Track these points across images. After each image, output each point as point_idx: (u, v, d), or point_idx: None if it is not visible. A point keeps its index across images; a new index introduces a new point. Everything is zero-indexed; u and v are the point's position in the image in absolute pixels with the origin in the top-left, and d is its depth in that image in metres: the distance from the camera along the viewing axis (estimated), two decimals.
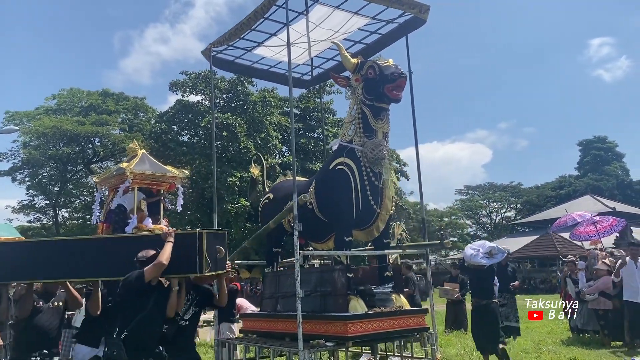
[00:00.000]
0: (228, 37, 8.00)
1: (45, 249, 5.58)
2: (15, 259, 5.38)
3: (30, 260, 5.30)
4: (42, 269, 5.27)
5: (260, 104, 29.64)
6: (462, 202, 59.67)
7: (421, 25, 7.71)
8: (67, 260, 5.21)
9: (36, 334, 5.16)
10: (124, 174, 12.03)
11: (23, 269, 5.30)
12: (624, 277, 8.90)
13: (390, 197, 7.04)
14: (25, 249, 5.65)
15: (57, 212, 37.68)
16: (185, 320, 5.17)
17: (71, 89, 39.76)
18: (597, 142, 59.48)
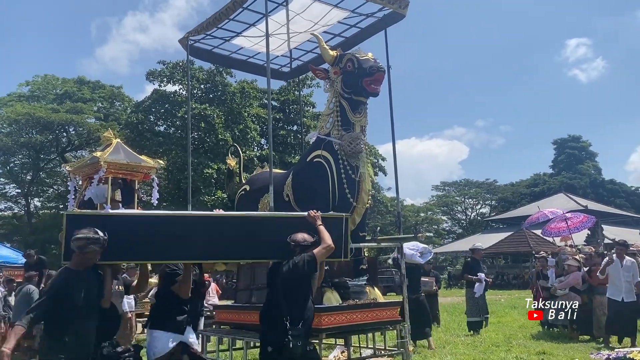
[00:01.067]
0: (206, 26, 7.91)
1: (175, 224, 4.66)
2: (134, 234, 4.48)
3: (154, 237, 4.50)
4: (169, 248, 4.51)
5: (239, 95, 29.45)
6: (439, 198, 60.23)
7: (400, 20, 7.73)
8: (201, 239, 4.60)
9: (108, 320, 4.45)
10: (98, 163, 11.90)
11: (143, 246, 4.49)
12: (609, 275, 9.11)
13: (367, 191, 7.06)
14: (148, 224, 4.64)
15: (29, 201, 36.94)
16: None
17: (45, 75, 38.90)
18: (571, 141, 60.57)
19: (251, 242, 4.78)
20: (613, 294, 9.04)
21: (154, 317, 4.73)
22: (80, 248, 4.03)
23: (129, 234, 4.41)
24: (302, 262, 4.44)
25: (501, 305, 17.77)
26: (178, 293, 4.66)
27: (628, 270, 8.94)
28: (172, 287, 4.68)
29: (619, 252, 9.14)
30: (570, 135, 61.34)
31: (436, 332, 10.98)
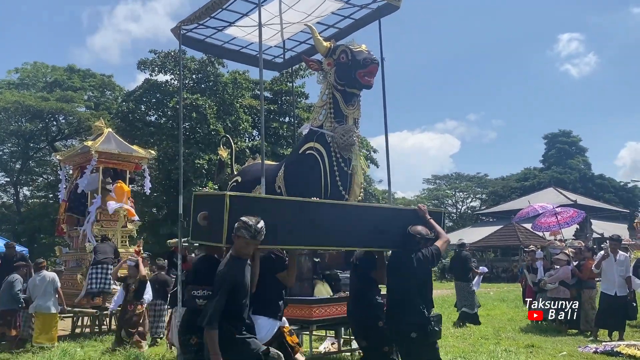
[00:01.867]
0: (199, 15, 7.81)
1: (317, 211, 4.67)
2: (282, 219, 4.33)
3: (299, 223, 4.44)
4: (308, 234, 4.48)
5: (231, 85, 29.27)
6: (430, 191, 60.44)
7: (394, 11, 7.69)
8: (336, 227, 4.63)
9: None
10: (89, 152, 11.82)
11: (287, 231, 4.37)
12: (603, 269, 9.18)
13: (359, 184, 7.06)
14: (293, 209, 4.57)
15: (18, 190, 36.63)
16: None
17: (35, 63, 38.47)
18: (562, 136, 60.94)
19: (373, 232, 4.88)
20: (607, 289, 9.12)
21: (257, 302, 4.41)
22: (235, 230, 3.89)
23: (278, 218, 4.28)
24: (432, 255, 4.70)
25: (490, 298, 17.91)
26: (284, 281, 4.60)
27: (621, 264, 9.03)
28: (279, 275, 4.57)
29: (612, 246, 9.21)
30: (560, 130, 61.77)
31: None
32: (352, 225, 4.75)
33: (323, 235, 4.61)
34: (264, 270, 4.39)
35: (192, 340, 4.20)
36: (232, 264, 3.86)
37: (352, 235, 4.78)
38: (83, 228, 11.86)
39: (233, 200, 4.09)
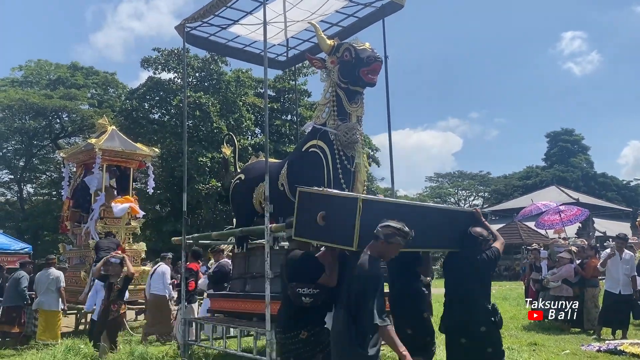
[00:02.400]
0: (203, 13, 7.83)
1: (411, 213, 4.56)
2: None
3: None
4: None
5: (234, 84, 29.30)
6: (432, 189, 60.44)
7: (398, 10, 7.70)
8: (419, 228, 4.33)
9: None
10: (93, 149, 11.86)
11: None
12: (607, 268, 9.18)
13: (362, 181, 7.06)
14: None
15: (21, 188, 36.72)
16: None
17: (39, 61, 38.51)
18: (564, 134, 60.82)
19: (439, 232, 4.89)
20: (611, 287, 9.12)
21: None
22: (387, 237, 3.91)
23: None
24: (495, 257, 4.86)
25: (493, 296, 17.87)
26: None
27: (627, 263, 9.03)
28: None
29: (618, 245, 9.20)
30: (563, 128, 61.67)
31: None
32: (426, 225, 4.68)
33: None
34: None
35: (302, 335, 4.29)
36: (377, 265, 3.94)
37: (424, 236, 4.60)
38: (87, 225, 11.91)
39: (366, 205, 4.08)
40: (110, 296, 8.14)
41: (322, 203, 4.39)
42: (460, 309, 4.83)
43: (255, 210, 7.87)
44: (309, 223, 4.31)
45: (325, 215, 4.22)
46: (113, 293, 8.17)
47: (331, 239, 4.28)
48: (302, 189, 4.74)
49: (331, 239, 4.28)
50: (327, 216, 4.21)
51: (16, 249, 15.97)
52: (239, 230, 7.54)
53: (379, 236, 3.92)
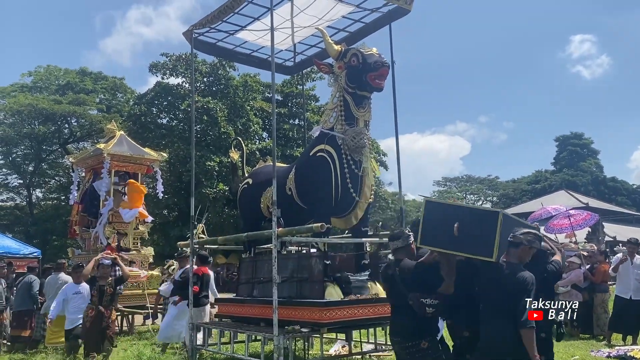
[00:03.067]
0: (211, 19, 7.88)
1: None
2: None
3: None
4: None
5: (242, 88, 29.39)
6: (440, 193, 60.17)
7: (405, 15, 7.71)
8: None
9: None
10: (101, 154, 11.93)
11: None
12: (619, 272, 9.10)
13: (370, 186, 7.06)
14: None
15: (30, 192, 36.98)
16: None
17: (48, 66, 38.83)
18: (573, 138, 60.40)
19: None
20: (621, 292, 9.04)
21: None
22: (530, 242, 4.29)
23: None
24: (559, 269, 5.18)
25: None
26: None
27: (638, 268, 8.93)
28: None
29: (630, 250, 9.11)
30: (572, 132, 61.18)
31: None
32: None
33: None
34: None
35: (422, 345, 4.40)
36: (527, 270, 4.28)
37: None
38: (95, 230, 11.97)
39: (506, 218, 4.33)
40: (103, 301, 7.72)
41: (454, 214, 4.49)
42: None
43: (263, 214, 7.88)
44: (437, 232, 4.42)
45: (459, 226, 4.31)
46: (106, 297, 7.75)
47: (467, 250, 4.35)
48: (429, 199, 5.03)
49: (466, 249, 4.35)
50: (459, 227, 4.31)
51: (25, 253, 16.07)
52: (245, 235, 7.55)
53: (521, 242, 4.23)
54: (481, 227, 4.27)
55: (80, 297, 8.17)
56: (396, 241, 4.68)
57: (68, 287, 8.45)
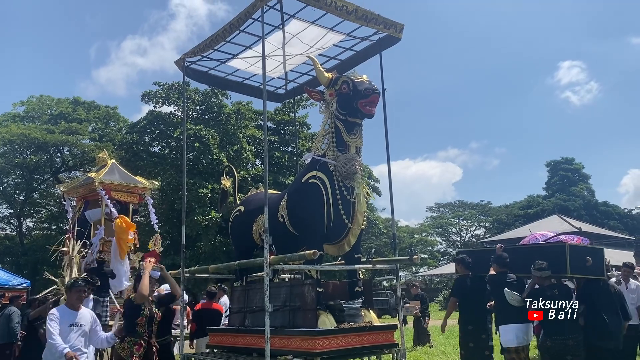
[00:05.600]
0: (202, 48, 7.95)
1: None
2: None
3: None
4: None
5: (234, 116, 29.56)
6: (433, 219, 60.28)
7: (395, 43, 7.80)
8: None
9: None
10: (92, 183, 11.86)
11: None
12: None
13: (362, 212, 7.04)
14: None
15: (21, 222, 36.65)
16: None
17: (41, 96, 38.96)
18: (564, 163, 60.92)
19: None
20: None
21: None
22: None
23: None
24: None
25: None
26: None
27: (633, 292, 8.87)
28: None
29: (625, 273, 9.07)
30: (563, 157, 61.76)
31: (432, 355, 10.87)
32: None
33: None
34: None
35: (569, 342, 6.54)
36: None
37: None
38: (86, 260, 11.81)
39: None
40: (153, 331, 5.61)
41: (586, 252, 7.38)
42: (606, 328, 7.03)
43: (255, 242, 7.82)
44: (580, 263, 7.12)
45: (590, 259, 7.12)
46: (155, 325, 5.65)
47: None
48: (572, 245, 7.39)
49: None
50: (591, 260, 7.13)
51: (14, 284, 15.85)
52: (236, 263, 7.48)
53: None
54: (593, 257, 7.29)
55: (80, 333, 5.43)
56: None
57: (59, 313, 5.41)
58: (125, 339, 5.48)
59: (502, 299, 6.94)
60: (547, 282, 6.69)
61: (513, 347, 6.96)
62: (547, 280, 6.71)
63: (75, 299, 5.51)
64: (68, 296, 5.60)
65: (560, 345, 6.45)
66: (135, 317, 5.49)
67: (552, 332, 6.54)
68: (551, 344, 6.55)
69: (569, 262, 6.88)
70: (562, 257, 6.92)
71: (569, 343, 6.47)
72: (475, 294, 7.58)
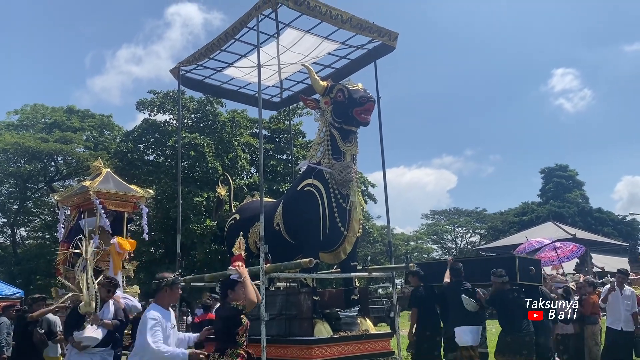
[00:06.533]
0: (198, 56, 7.98)
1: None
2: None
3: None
4: None
5: (230, 124, 29.54)
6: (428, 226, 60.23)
7: (390, 52, 7.85)
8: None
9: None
10: (87, 192, 11.82)
11: None
12: (609, 304, 9.07)
13: (358, 220, 7.05)
14: None
15: (14, 231, 36.40)
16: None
17: (35, 105, 38.82)
18: (558, 170, 61.13)
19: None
20: (612, 323, 8.99)
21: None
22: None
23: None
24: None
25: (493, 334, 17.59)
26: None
27: (628, 299, 8.91)
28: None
29: (619, 280, 9.10)
30: (557, 164, 61.96)
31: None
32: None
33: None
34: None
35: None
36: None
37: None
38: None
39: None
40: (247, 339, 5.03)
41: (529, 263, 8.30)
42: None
43: (251, 250, 7.81)
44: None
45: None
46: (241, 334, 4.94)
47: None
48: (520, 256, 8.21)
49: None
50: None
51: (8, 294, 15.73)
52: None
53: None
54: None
55: (174, 335, 4.90)
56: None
57: (162, 315, 4.68)
58: (226, 351, 4.89)
59: (459, 305, 7.55)
60: (506, 287, 7.49)
61: (469, 346, 7.65)
62: (506, 285, 7.49)
63: (174, 298, 5.03)
64: (167, 294, 4.87)
65: (518, 341, 7.30)
66: (237, 327, 4.91)
67: (510, 328, 7.46)
68: (511, 340, 7.38)
69: (518, 272, 7.86)
70: (512, 267, 7.85)
71: (526, 339, 7.35)
72: (429, 302, 8.11)
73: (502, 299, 7.56)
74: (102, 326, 5.96)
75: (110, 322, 6.08)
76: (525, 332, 7.44)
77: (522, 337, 7.37)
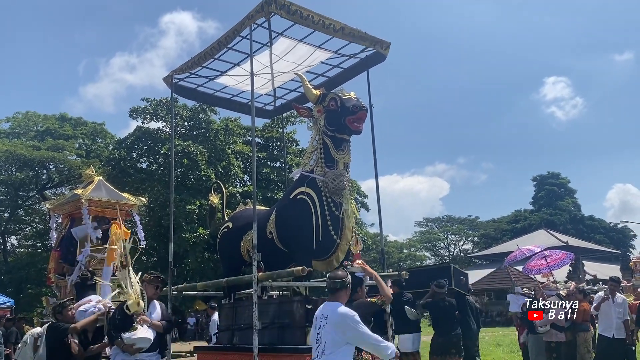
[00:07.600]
0: (191, 65, 7.99)
1: None
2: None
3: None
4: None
5: (223, 132, 29.56)
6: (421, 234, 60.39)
7: (382, 61, 7.90)
8: None
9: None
10: (79, 200, 11.77)
11: None
12: (601, 311, 9.10)
13: (351, 228, 7.05)
14: None
15: (5, 240, 36.11)
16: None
17: (27, 112, 38.68)
18: (550, 178, 61.52)
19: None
20: (604, 331, 9.03)
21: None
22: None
23: None
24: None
25: (486, 343, 17.64)
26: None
27: (619, 306, 8.95)
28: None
29: (611, 287, 9.14)
30: (549, 172, 62.37)
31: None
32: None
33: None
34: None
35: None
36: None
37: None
38: (71, 278, 11.66)
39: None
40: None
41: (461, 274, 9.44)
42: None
43: (244, 259, 7.79)
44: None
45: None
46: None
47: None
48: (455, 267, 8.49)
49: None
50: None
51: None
52: (224, 280, 7.43)
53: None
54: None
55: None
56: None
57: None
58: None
59: (401, 314, 8.19)
60: (440, 295, 8.33)
61: (410, 352, 8.31)
62: (441, 294, 8.34)
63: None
64: (345, 293, 4.35)
65: (448, 342, 8.11)
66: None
67: (441, 331, 8.23)
68: (442, 341, 8.16)
69: (453, 279, 9.04)
70: (448, 275, 9.06)
71: (454, 340, 8.16)
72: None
73: (436, 306, 8.40)
74: (152, 327, 5.41)
75: (160, 324, 5.52)
76: (454, 334, 8.23)
77: (451, 338, 8.17)
